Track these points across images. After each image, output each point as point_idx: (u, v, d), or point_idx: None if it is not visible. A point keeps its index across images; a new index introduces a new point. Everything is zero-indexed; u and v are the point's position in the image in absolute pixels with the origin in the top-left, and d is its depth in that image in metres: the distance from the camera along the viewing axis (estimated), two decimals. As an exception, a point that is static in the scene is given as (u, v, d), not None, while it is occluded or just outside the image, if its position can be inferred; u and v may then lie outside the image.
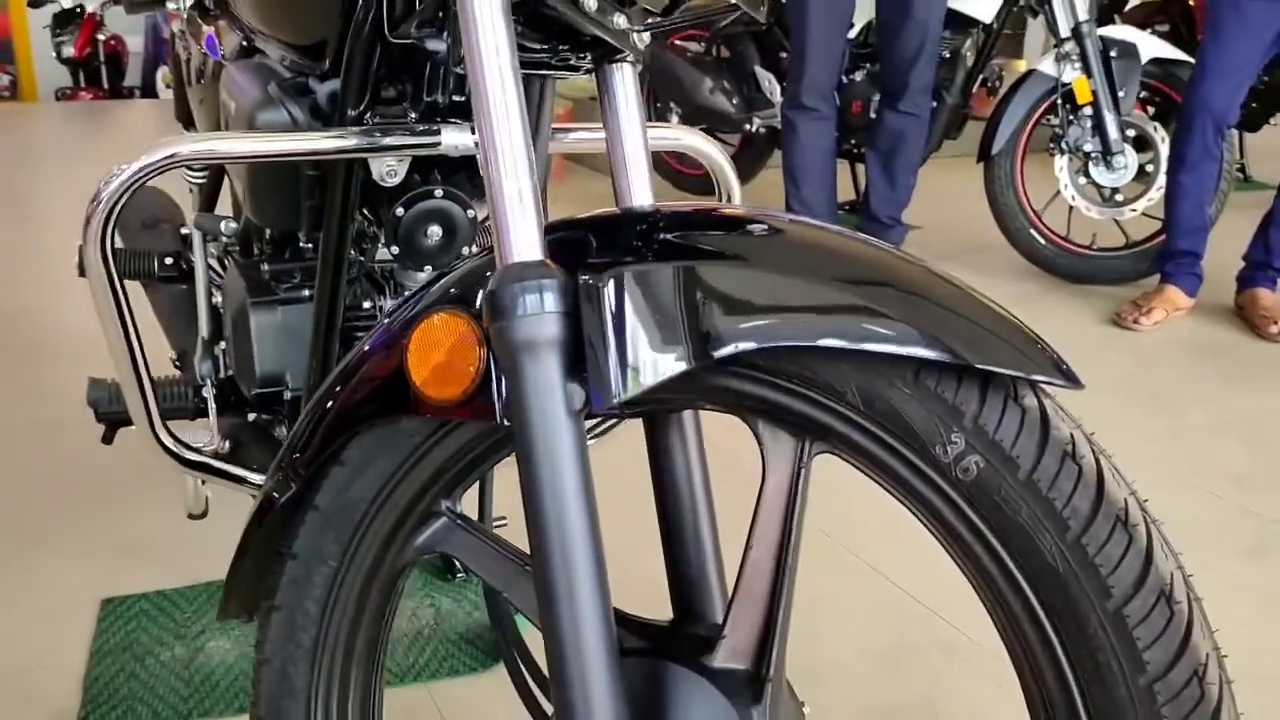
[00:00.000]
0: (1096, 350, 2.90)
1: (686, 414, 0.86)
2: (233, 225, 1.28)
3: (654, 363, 0.69)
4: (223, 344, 1.42)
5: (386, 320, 0.81)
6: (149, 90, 8.97)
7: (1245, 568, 1.81)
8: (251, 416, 1.38)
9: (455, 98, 1.05)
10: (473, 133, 1.05)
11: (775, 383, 0.71)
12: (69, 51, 8.65)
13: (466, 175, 1.14)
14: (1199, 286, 3.14)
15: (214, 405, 1.35)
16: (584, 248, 0.73)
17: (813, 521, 0.76)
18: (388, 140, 1.02)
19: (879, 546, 1.85)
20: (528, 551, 0.78)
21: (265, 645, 0.89)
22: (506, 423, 0.72)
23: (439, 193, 1.11)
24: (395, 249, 1.12)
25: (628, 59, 0.88)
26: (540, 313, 0.69)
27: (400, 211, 1.09)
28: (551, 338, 0.69)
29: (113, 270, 1.02)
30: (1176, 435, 2.34)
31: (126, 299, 1.04)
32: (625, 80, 0.89)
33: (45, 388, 2.42)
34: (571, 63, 0.93)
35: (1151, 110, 3.59)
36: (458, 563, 1.67)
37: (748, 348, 0.68)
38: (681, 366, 0.69)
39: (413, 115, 1.05)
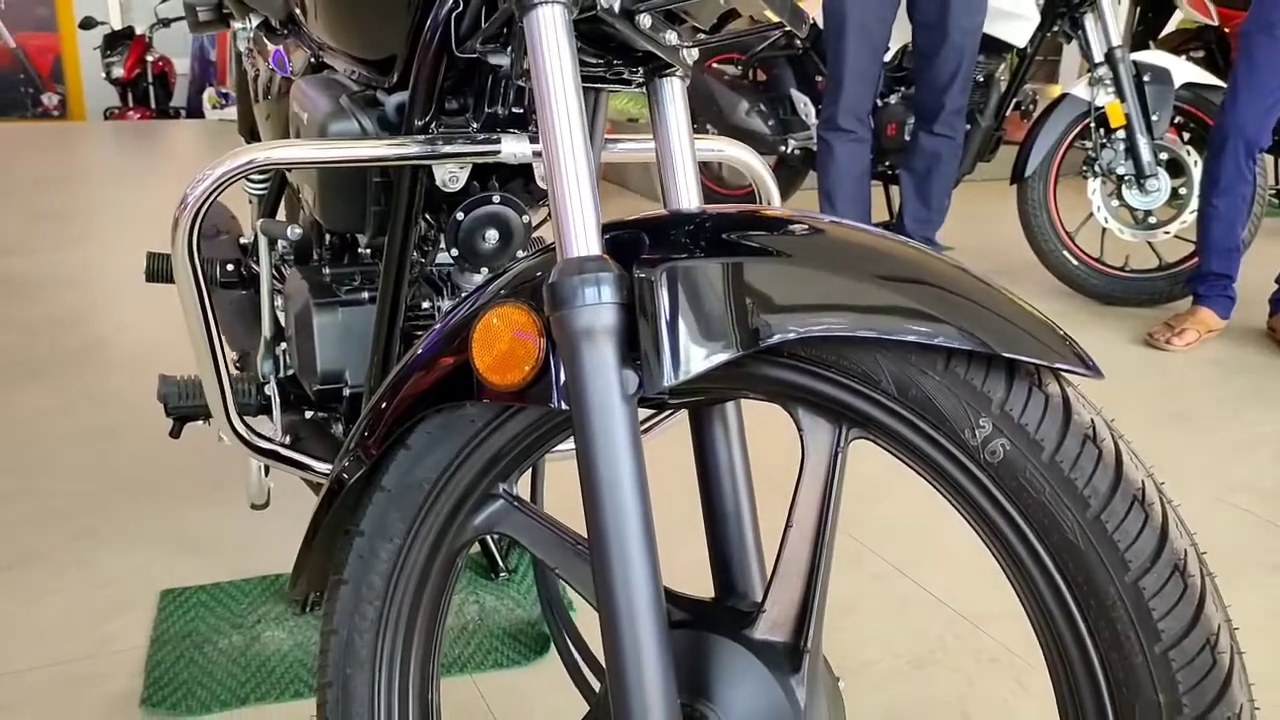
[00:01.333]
0: (1128, 369, 2.93)
1: (729, 406, 0.92)
2: (296, 230, 1.36)
3: (703, 350, 0.75)
4: (283, 345, 1.49)
5: (450, 314, 0.87)
6: (194, 111, 9.18)
7: (1274, 580, 1.83)
8: (310, 414, 1.45)
9: (514, 109, 1.12)
10: (532, 142, 1.12)
11: (815, 371, 0.76)
12: (118, 72, 8.88)
13: (522, 183, 1.21)
14: (1232, 308, 3.16)
15: (277, 401, 1.42)
16: (638, 245, 0.79)
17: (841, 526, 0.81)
18: (451, 148, 1.09)
19: (905, 551, 1.89)
20: (579, 532, 0.84)
21: (333, 617, 0.95)
22: (564, 406, 0.78)
23: (496, 199, 1.18)
24: (454, 251, 1.19)
25: (677, 73, 0.95)
26: (599, 303, 0.75)
27: (460, 216, 1.16)
28: (609, 326, 0.75)
29: (199, 269, 1.09)
30: (1207, 453, 2.37)
31: (211, 297, 1.11)
32: (675, 93, 0.95)
33: (103, 393, 2.51)
34: (625, 76, 0.99)
35: (1185, 135, 3.62)
36: (500, 561, 1.74)
37: (790, 337, 0.73)
38: (729, 354, 0.74)
39: (474, 125, 1.12)
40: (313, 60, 1.40)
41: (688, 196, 0.95)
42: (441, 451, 0.91)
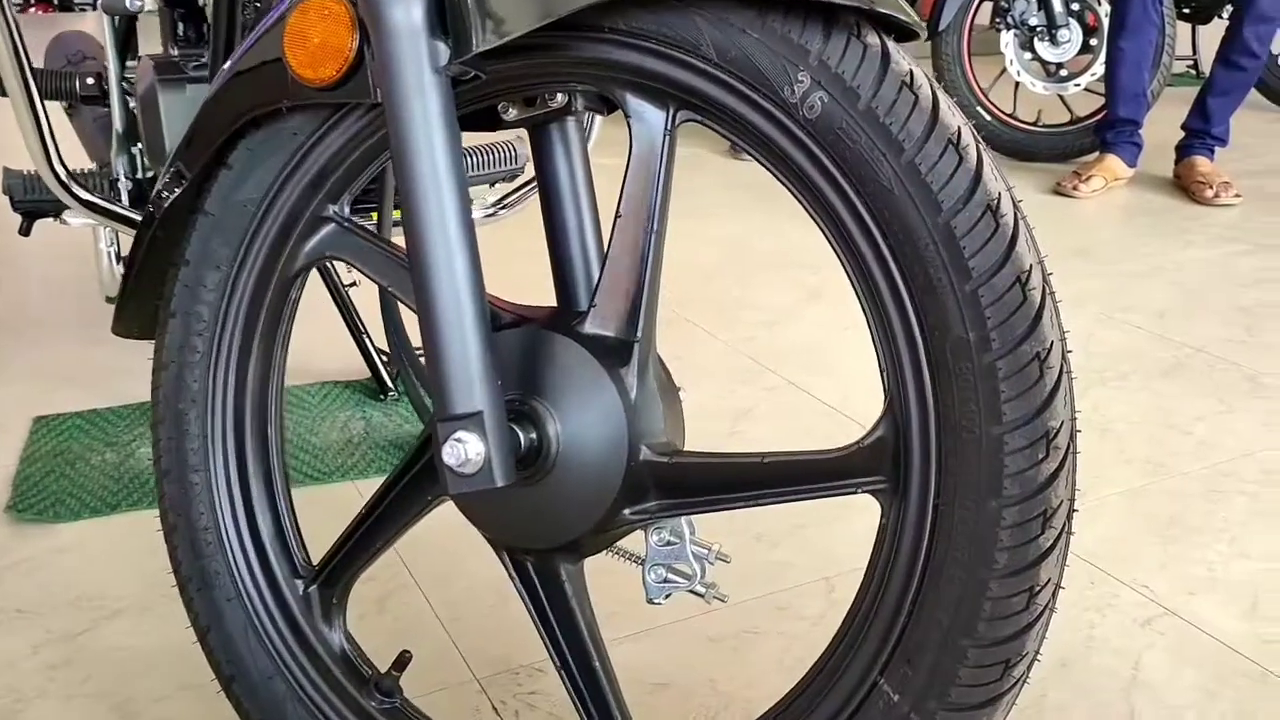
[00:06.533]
0: (1036, 215, 2.92)
1: (569, 123, 0.88)
2: (137, 3, 1.29)
3: (513, 16, 0.72)
4: (140, 145, 1.42)
5: (265, 18, 0.83)
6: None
7: (1162, 384, 1.87)
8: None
9: None
10: None
11: (636, 44, 0.73)
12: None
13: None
14: (1138, 156, 3.19)
15: (127, 199, 1.36)
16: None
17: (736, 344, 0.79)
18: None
19: (800, 369, 1.90)
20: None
21: (163, 352, 0.92)
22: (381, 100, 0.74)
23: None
24: None
25: None
26: (407, -27, 0.71)
27: None
28: (418, -1, 0.71)
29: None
30: (1106, 280, 2.40)
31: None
32: None
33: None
34: None
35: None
36: (389, 383, 1.71)
37: (600, -5, 0.70)
38: (545, 18, 0.71)
39: None
40: None
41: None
42: (264, 170, 0.87)
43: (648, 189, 0.78)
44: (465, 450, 0.72)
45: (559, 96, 0.82)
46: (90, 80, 1.65)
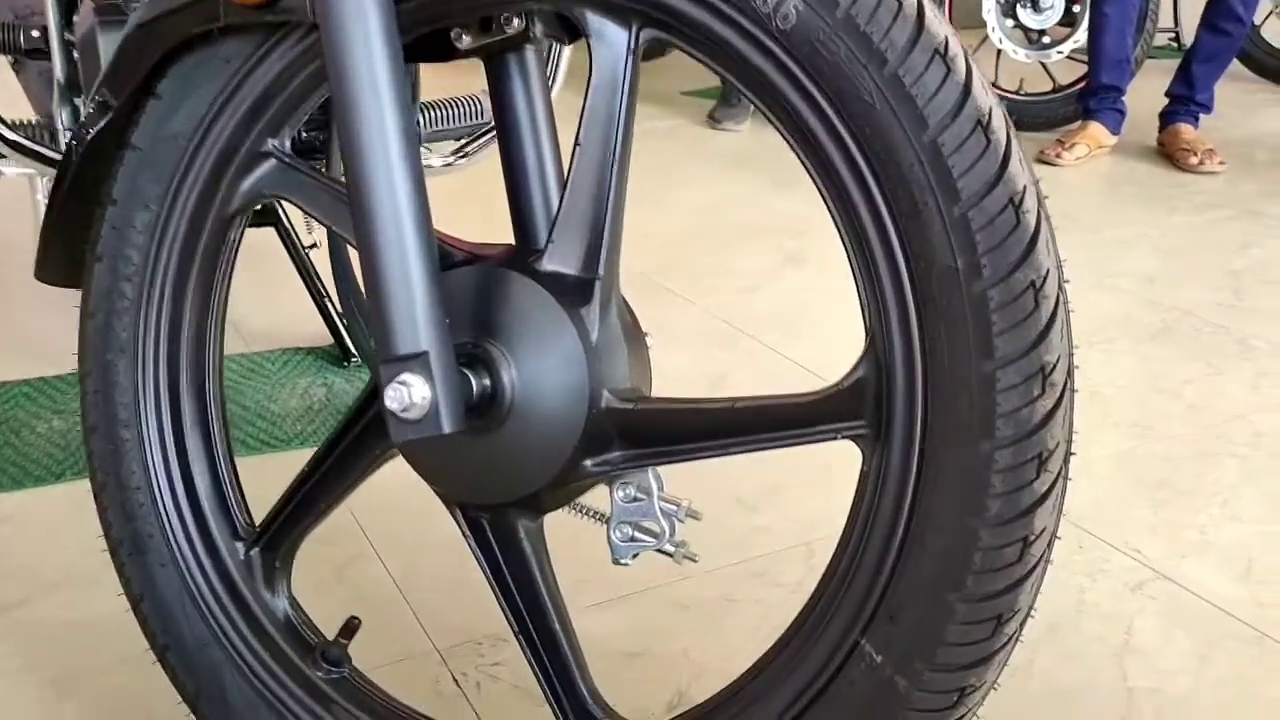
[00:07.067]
0: (1019, 183, 2.89)
1: (529, 54, 0.82)
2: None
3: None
4: (83, 96, 1.35)
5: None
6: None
7: (1150, 348, 1.82)
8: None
9: None
10: None
11: (595, -46, 0.67)
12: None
13: None
14: (1121, 123, 3.14)
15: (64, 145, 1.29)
16: None
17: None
18: None
19: (778, 334, 1.85)
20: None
21: (89, 299, 0.85)
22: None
23: None
24: None
25: None
26: None
27: None
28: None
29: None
30: (1092, 247, 2.35)
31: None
32: None
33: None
34: None
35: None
36: (352, 349, 1.65)
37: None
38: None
39: None
40: None
41: None
42: (196, 100, 0.80)
43: (609, 115, 0.72)
44: (409, 394, 0.66)
45: (515, 21, 0.76)
46: (35, 33, 1.57)
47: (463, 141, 1.36)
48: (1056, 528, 0.63)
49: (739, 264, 2.21)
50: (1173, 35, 5.08)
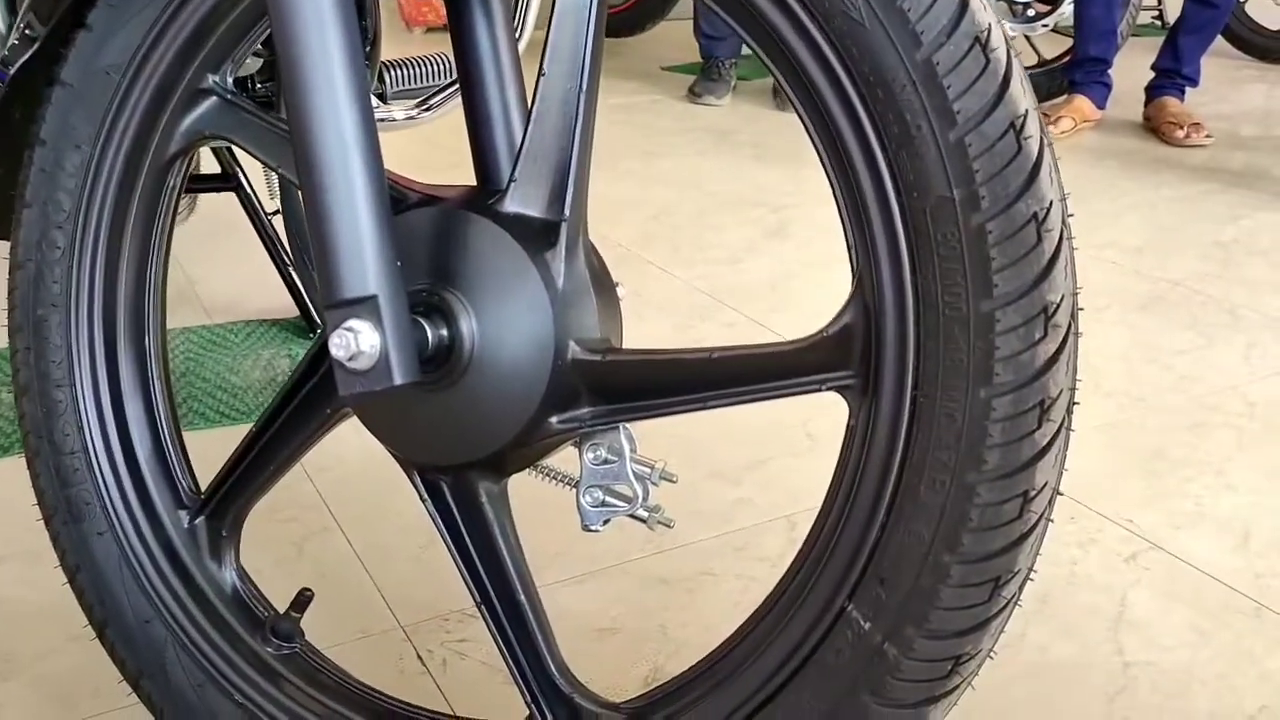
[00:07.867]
0: (1004, 156, 2.85)
1: (489, -14, 0.76)
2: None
3: None
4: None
5: None
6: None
7: (1140, 318, 1.78)
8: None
9: None
10: None
11: None
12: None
13: None
14: (1107, 96, 3.09)
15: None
16: None
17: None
18: None
19: (758, 306, 1.80)
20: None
21: (18, 249, 0.79)
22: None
23: None
24: None
25: None
26: None
27: None
28: None
29: None
30: (1079, 219, 2.28)
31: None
32: None
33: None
34: None
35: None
36: (317, 319, 1.58)
37: None
38: None
39: None
40: None
41: None
42: (130, 30, 0.74)
43: (576, 40, 0.67)
44: (356, 341, 0.60)
45: (476, -54, 0.70)
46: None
47: (426, 95, 1.30)
48: (1059, 482, 0.58)
49: (720, 236, 2.16)
50: (1156, 14, 5.05)
